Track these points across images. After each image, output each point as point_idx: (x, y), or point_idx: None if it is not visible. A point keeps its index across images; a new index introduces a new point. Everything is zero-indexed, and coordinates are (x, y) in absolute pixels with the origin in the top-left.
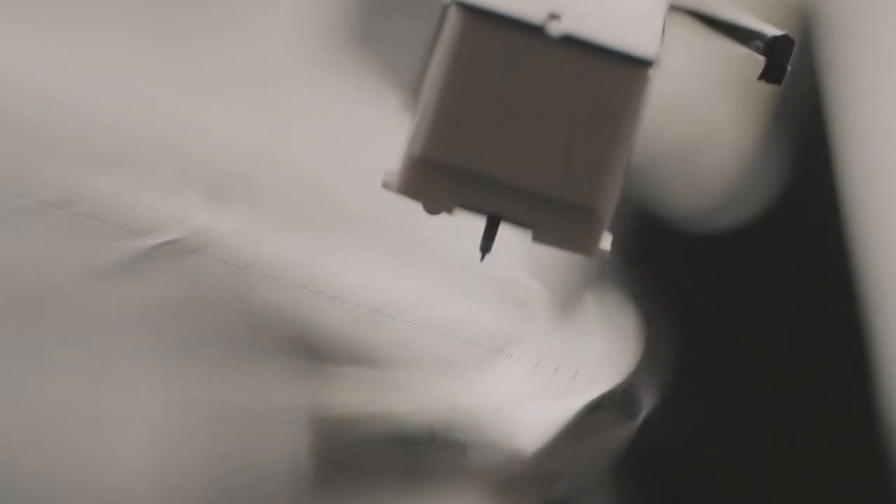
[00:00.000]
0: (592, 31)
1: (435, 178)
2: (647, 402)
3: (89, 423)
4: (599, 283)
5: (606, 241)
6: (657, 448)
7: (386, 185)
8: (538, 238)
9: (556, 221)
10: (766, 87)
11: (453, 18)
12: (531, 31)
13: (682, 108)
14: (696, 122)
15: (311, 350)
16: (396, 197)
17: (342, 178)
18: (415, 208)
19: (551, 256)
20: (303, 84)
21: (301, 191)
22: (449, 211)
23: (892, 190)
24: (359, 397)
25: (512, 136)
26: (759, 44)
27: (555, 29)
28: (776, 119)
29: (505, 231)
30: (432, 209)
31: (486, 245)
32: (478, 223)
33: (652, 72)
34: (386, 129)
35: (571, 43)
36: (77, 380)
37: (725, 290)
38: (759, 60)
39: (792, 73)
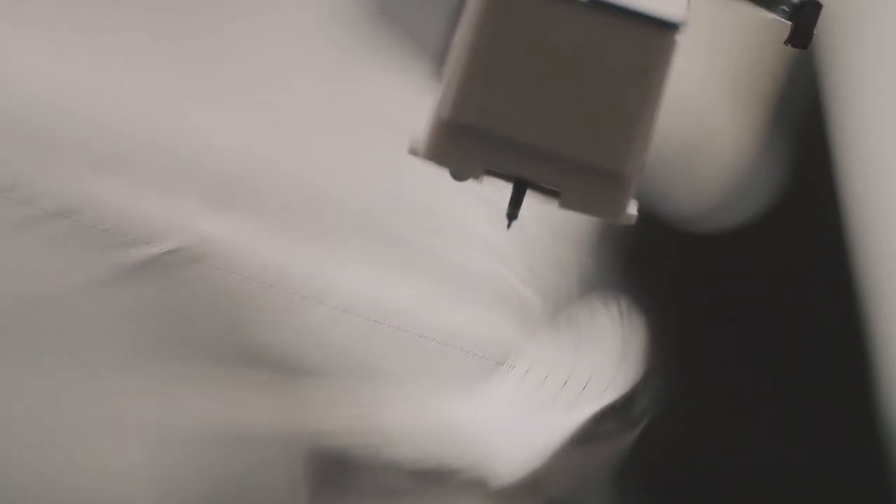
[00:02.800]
0: None
1: (462, 143)
2: (649, 409)
3: (87, 431)
4: (599, 290)
5: (633, 207)
6: (658, 448)
7: (413, 151)
8: (565, 204)
9: (583, 186)
10: (765, 88)
11: None
12: None
13: (683, 109)
14: (696, 122)
15: (310, 362)
16: (398, 205)
17: (342, 187)
18: (415, 217)
19: (550, 268)
20: (301, 91)
21: (301, 200)
22: (476, 177)
23: (892, 190)
24: (359, 411)
25: (539, 100)
26: (786, 8)
27: None
28: (776, 119)
29: (504, 244)
30: (459, 175)
31: (513, 212)
32: (477, 226)
33: (679, 36)
34: (385, 137)
35: (599, 6)
36: (75, 388)
37: (725, 290)
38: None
39: (792, 73)
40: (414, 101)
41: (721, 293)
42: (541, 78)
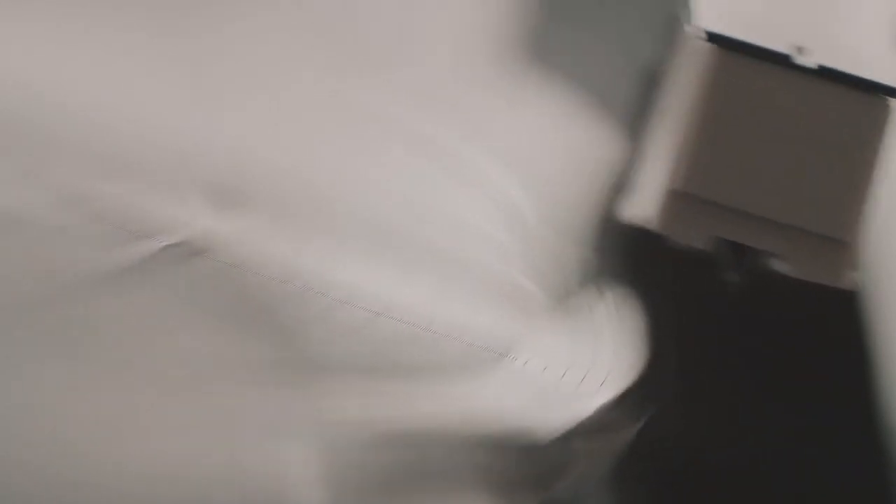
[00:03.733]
0: (841, 62)
1: (692, 213)
2: (649, 406)
3: (93, 426)
4: (602, 286)
5: (855, 267)
6: (658, 446)
7: (641, 221)
8: (788, 268)
9: (810, 253)
10: None
11: (704, 51)
12: (781, 63)
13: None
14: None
15: (314, 354)
16: (399, 201)
17: (345, 182)
18: (419, 213)
19: (552, 262)
20: (304, 90)
21: (304, 195)
22: (704, 246)
23: (891, 190)
24: (364, 402)
25: (766, 169)
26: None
27: (807, 60)
28: None
29: (507, 237)
30: (687, 243)
31: (738, 275)
32: (480, 222)
33: None
34: (391, 137)
35: (824, 74)
36: (80, 383)
37: (725, 289)
38: None
39: None
40: (416, 100)
41: (721, 293)
42: (767, 147)
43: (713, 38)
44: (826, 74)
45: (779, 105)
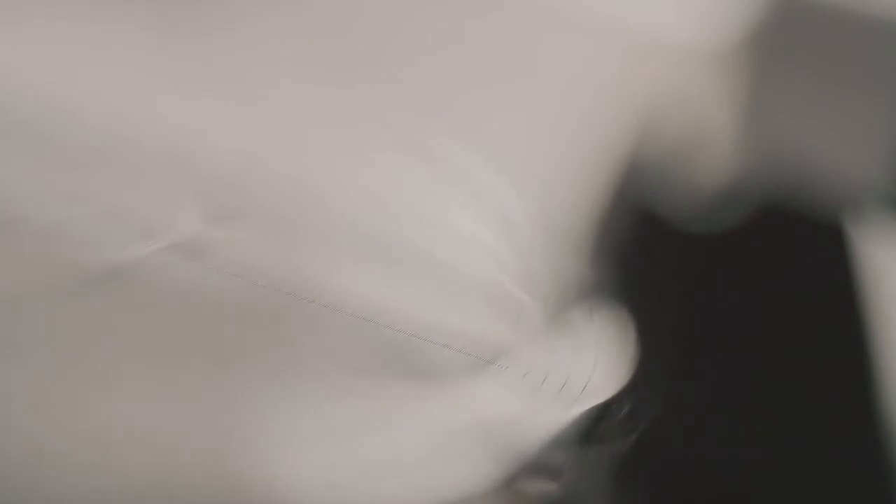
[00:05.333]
0: None
1: None
2: (646, 411)
3: (82, 426)
4: (594, 292)
5: None
6: (656, 449)
7: None
8: None
9: None
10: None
11: None
12: None
13: (681, 109)
14: (695, 122)
15: (302, 358)
16: (391, 206)
17: (337, 187)
18: (409, 218)
19: (543, 268)
20: (298, 93)
21: (297, 199)
22: None
23: None
24: (350, 406)
25: None
26: None
27: None
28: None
29: (497, 243)
30: None
31: None
32: (470, 226)
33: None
34: (382, 141)
35: None
36: (71, 386)
37: (724, 289)
38: None
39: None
40: (411, 104)
41: (720, 293)
42: None
43: None
44: None
45: None
